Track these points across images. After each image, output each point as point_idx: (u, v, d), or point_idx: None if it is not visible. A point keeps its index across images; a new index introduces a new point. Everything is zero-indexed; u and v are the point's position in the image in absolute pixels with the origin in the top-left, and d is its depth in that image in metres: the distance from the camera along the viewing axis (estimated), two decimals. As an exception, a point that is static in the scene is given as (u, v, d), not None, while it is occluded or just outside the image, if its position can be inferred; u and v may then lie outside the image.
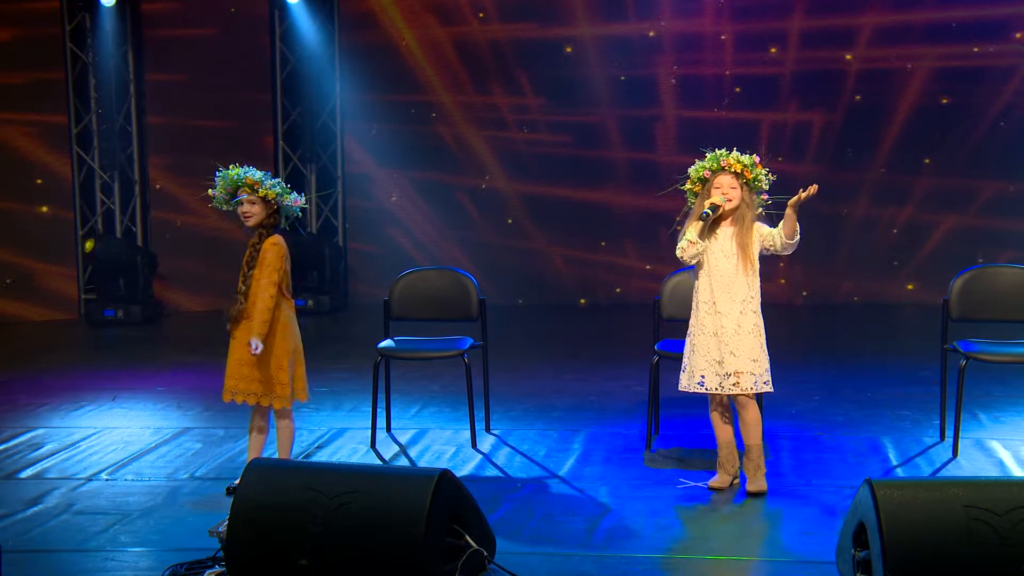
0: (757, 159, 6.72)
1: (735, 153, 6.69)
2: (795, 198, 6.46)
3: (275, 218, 6.89)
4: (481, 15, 13.72)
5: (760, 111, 13.59)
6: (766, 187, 6.72)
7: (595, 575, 5.66)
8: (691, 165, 6.80)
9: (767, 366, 6.72)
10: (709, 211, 6.56)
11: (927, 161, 13.43)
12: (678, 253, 6.75)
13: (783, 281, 13.49)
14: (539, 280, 13.95)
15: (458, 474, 5.97)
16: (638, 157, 13.73)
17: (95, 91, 13.45)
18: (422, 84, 13.90)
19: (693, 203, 6.80)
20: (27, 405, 9.42)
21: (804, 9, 13.39)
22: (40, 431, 8.55)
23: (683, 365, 6.87)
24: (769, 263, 6.88)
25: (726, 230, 6.69)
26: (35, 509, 6.82)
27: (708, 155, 6.73)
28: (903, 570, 5.06)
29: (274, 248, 6.81)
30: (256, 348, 6.62)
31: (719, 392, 6.73)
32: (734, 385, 6.68)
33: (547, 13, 13.64)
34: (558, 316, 13.63)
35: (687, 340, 6.87)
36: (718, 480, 6.92)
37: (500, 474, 7.41)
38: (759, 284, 6.75)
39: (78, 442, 8.25)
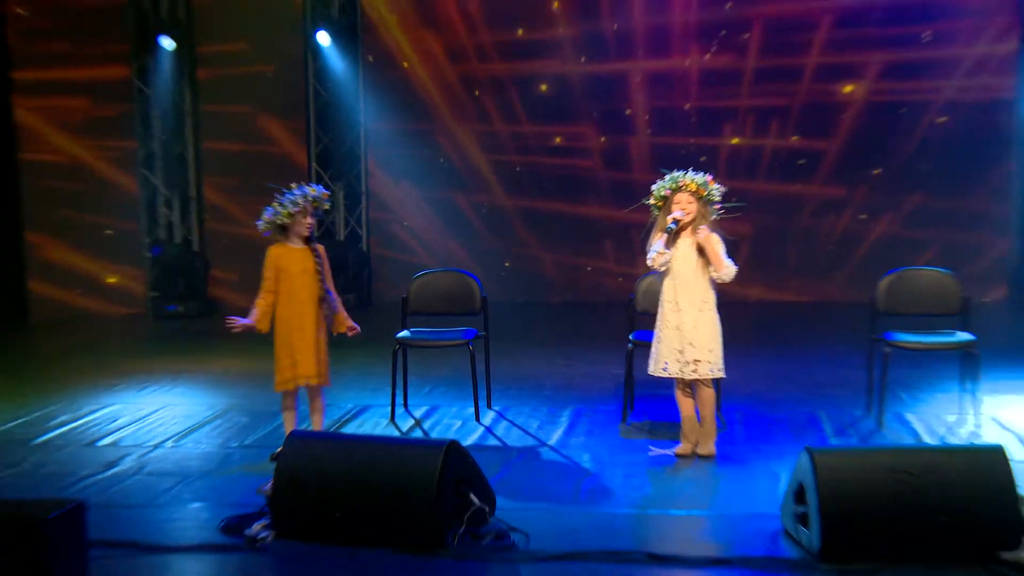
0: (709, 177, 6.83)
1: (690, 174, 6.81)
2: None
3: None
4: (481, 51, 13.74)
5: (719, 137, 13.61)
6: (718, 199, 6.83)
7: (579, 527, 5.71)
8: (657, 183, 6.91)
9: (720, 355, 6.86)
10: (672, 225, 6.71)
11: (873, 175, 13.45)
12: (649, 262, 6.90)
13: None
14: (532, 280, 13.97)
15: (464, 444, 5.99)
16: (616, 176, 13.75)
17: (158, 121, 13.49)
18: (433, 115, 13.93)
19: (656, 217, 6.92)
20: (104, 385, 9.52)
21: (758, 52, 13.42)
22: (115, 407, 8.65)
23: (651, 353, 7.00)
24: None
25: (686, 240, 6.83)
26: (112, 471, 6.94)
27: (668, 176, 6.86)
28: (836, 522, 5.13)
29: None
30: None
31: (680, 376, 6.86)
32: (693, 371, 6.83)
33: (541, 52, 13.67)
34: (548, 311, 13.68)
35: (655, 332, 6.98)
36: (682, 448, 7.04)
37: (499, 443, 7.49)
38: (715, 286, 6.86)
39: (146, 416, 8.34)
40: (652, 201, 6.94)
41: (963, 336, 7.72)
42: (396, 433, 7.81)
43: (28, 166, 12.83)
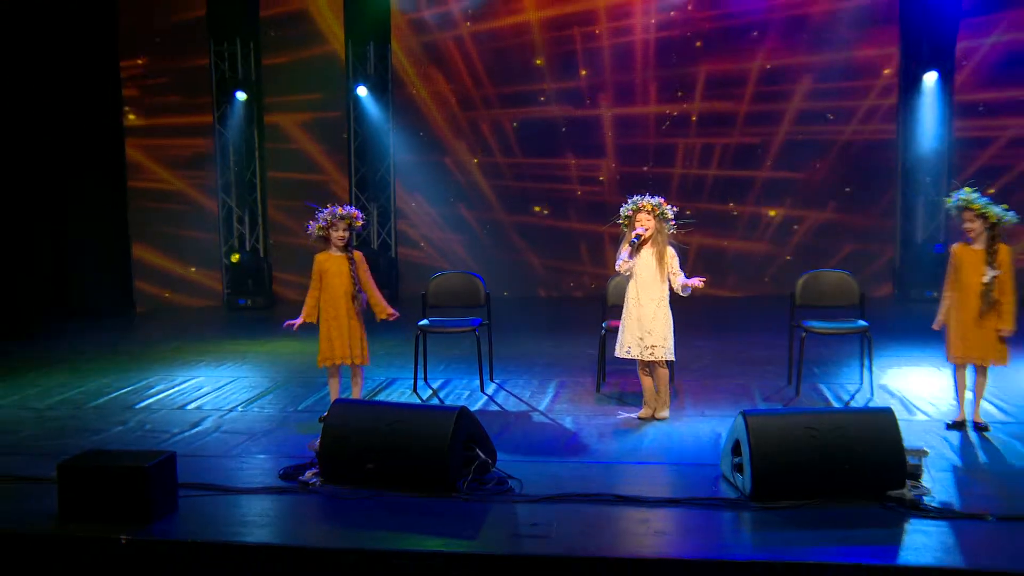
0: (663, 200, 6.84)
1: (647, 197, 6.82)
2: (688, 283, 6.77)
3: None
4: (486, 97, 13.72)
5: (672, 167, 13.59)
6: (671, 217, 6.83)
7: (562, 474, 5.69)
8: (623, 205, 6.95)
9: (671, 342, 6.86)
10: (635, 240, 6.74)
11: (793, 197, 13.44)
12: (617, 268, 6.92)
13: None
14: (525, 279, 13.94)
15: (472, 409, 5.97)
16: (591, 197, 13.74)
17: (233, 156, 13.47)
18: (446, 148, 13.90)
19: (624, 232, 6.93)
20: (190, 362, 9.50)
21: (701, 100, 13.42)
22: (199, 379, 8.64)
23: (617, 339, 6.96)
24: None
25: (648, 250, 6.84)
26: (196, 429, 6.94)
27: (631, 200, 6.88)
28: (763, 470, 5.11)
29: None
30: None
31: (640, 358, 6.85)
32: (651, 354, 6.83)
33: (532, 100, 13.64)
34: (537, 304, 13.64)
35: (621, 322, 6.94)
36: (643, 412, 7.04)
37: (499, 409, 7.48)
38: (668, 286, 6.85)
39: (222, 386, 8.32)
40: (621, 221, 6.97)
41: (860, 323, 7.72)
42: (417, 400, 7.78)
43: (134, 191, 12.87)
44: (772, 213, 13.49)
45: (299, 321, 7.06)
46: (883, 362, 8.43)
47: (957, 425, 6.66)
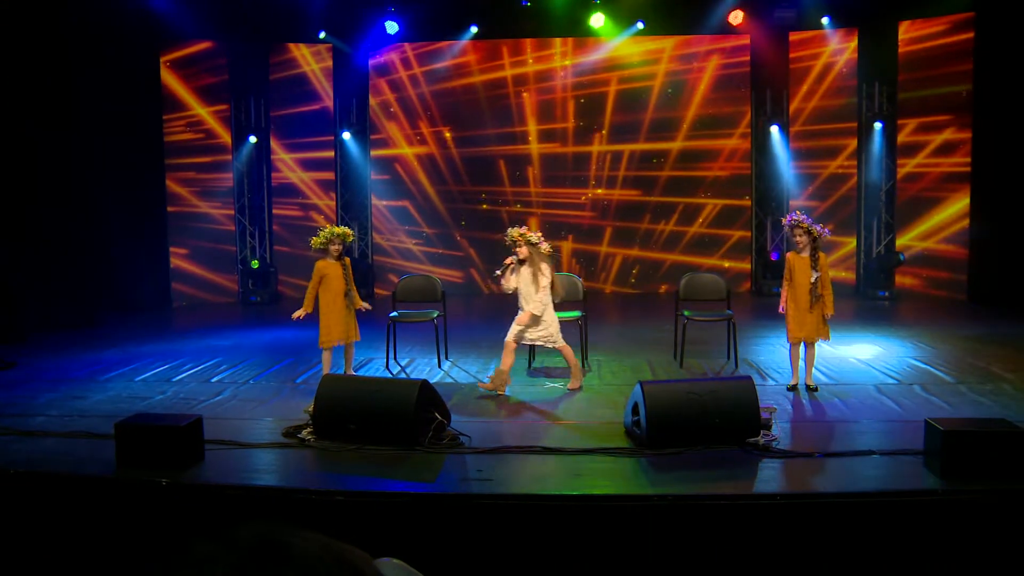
0: (525, 228, 6.86)
1: (514, 228, 6.87)
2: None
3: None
4: (450, 137, 13.59)
5: (587, 188, 13.60)
6: (535, 241, 6.78)
7: (502, 432, 5.68)
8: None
9: (558, 331, 6.84)
10: (510, 263, 6.85)
11: (678, 215, 13.50)
12: (502, 287, 6.94)
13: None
14: (471, 280, 13.82)
15: (431, 381, 5.89)
16: (520, 217, 13.72)
17: (247, 186, 13.25)
18: (412, 179, 13.72)
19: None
20: (214, 344, 9.24)
21: (606, 143, 13.45)
22: (220, 358, 8.40)
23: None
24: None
25: (526, 269, 6.80)
26: (218, 398, 6.81)
27: (508, 231, 6.92)
28: (656, 424, 5.10)
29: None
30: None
31: (542, 344, 6.89)
32: (552, 344, 6.85)
33: (475, 142, 13.56)
34: (482, 300, 13.54)
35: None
36: (571, 383, 6.96)
37: (452, 381, 7.38)
38: (543, 293, 6.77)
39: (238, 364, 8.12)
40: (508, 243, 6.98)
41: (727, 312, 7.76)
42: (388, 375, 7.64)
43: (172, 215, 12.62)
44: (662, 228, 13.52)
45: (302, 312, 6.97)
46: (744, 341, 8.48)
47: (794, 388, 6.79)
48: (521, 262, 6.84)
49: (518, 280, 6.86)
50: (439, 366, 7.94)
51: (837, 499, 4.41)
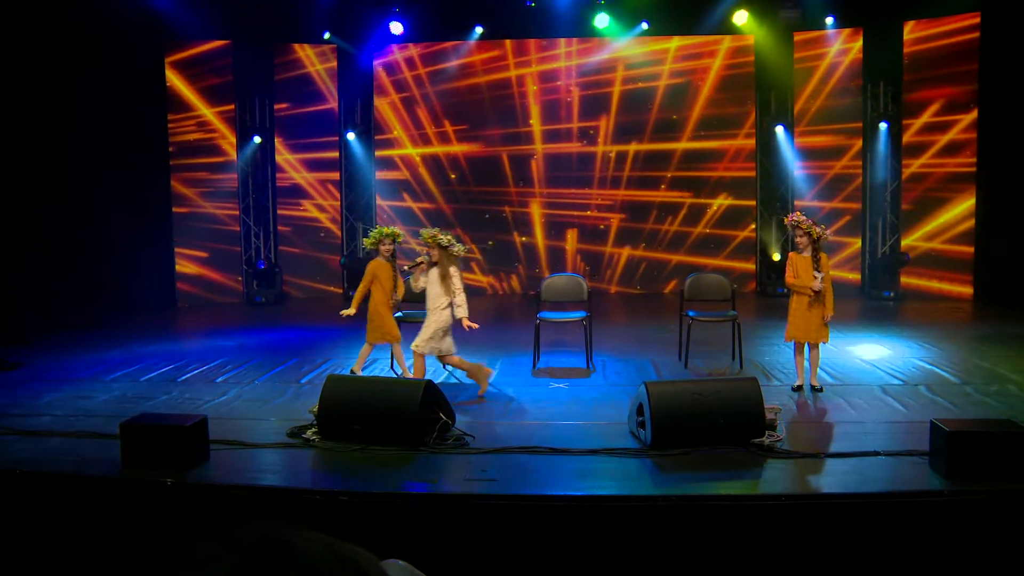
0: (437, 230, 6.80)
1: (432, 230, 6.82)
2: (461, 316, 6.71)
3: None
4: (451, 131, 13.60)
5: (591, 188, 13.59)
6: (445, 244, 6.71)
7: (506, 433, 5.65)
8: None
9: (428, 341, 6.71)
10: (421, 263, 6.84)
11: (681, 216, 13.49)
12: (412, 286, 6.91)
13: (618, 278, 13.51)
14: (474, 277, 13.84)
15: (435, 381, 5.89)
16: (522, 214, 13.71)
17: (252, 187, 13.27)
18: (417, 179, 13.72)
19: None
20: (219, 346, 9.23)
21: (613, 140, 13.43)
22: (225, 359, 8.39)
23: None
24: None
25: (435, 271, 6.74)
26: (223, 398, 6.81)
27: (421, 232, 6.90)
28: (660, 426, 5.09)
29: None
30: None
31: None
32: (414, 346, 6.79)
33: (475, 139, 13.56)
34: (485, 298, 13.53)
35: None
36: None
37: (457, 382, 7.36)
38: (449, 297, 6.74)
39: (243, 364, 8.11)
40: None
41: (732, 313, 7.75)
42: (393, 375, 7.63)
43: (177, 215, 12.64)
44: (666, 228, 13.50)
45: (351, 310, 7.07)
46: (749, 342, 8.45)
47: (798, 388, 6.78)
48: (432, 264, 6.82)
49: (427, 281, 6.83)
50: (444, 366, 7.90)
51: (842, 500, 4.39)
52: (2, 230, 9.71)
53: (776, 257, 13.10)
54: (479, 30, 13.15)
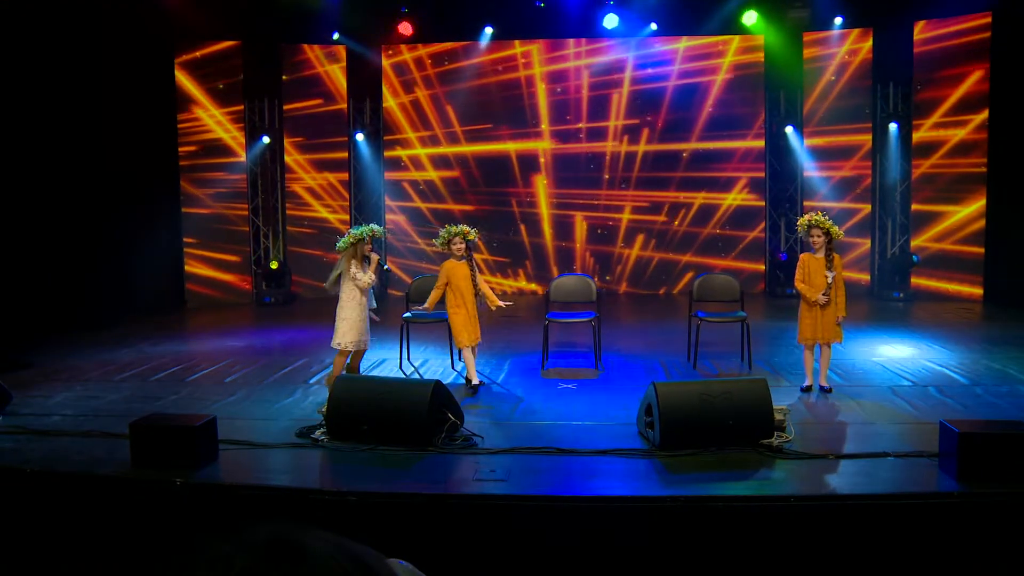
0: (376, 227, 6.88)
1: (371, 226, 6.87)
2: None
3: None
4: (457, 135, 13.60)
5: (608, 189, 13.56)
6: (353, 240, 6.77)
7: (515, 433, 5.66)
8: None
9: (336, 335, 6.75)
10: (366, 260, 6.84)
11: (692, 217, 13.46)
12: (357, 284, 6.81)
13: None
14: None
15: (444, 382, 5.89)
16: (530, 214, 13.70)
17: (261, 188, 13.30)
18: (429, 180, 13.73)
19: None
20: (230, 344, 9.29)
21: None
22: (233, 359, 8.42)
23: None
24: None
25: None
26: (233, 398, 6.82)
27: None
28: (669, 426, 5.08)
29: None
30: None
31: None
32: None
33: (484, 139, 13.56)
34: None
35: None
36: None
37: (464, 382, 7.34)
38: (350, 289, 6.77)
39: (252, 365, 8.12)
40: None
41: (741, 313, 7.73)
42: (402, 375, 7.65)
43: (186, 216, 12.68)
44: (676, 228, 13.48)
45: (427, 306, 6.99)
46: (758, 342, 8.42)
47: (808, 389, 6.75)
48: (364, 258, 6.84)
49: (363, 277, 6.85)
50: (452, 366, 7.93)
51: (851, 501, 4.38)
52: (11, 230, 9.77)
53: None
54: (489, 31, 13.17)
